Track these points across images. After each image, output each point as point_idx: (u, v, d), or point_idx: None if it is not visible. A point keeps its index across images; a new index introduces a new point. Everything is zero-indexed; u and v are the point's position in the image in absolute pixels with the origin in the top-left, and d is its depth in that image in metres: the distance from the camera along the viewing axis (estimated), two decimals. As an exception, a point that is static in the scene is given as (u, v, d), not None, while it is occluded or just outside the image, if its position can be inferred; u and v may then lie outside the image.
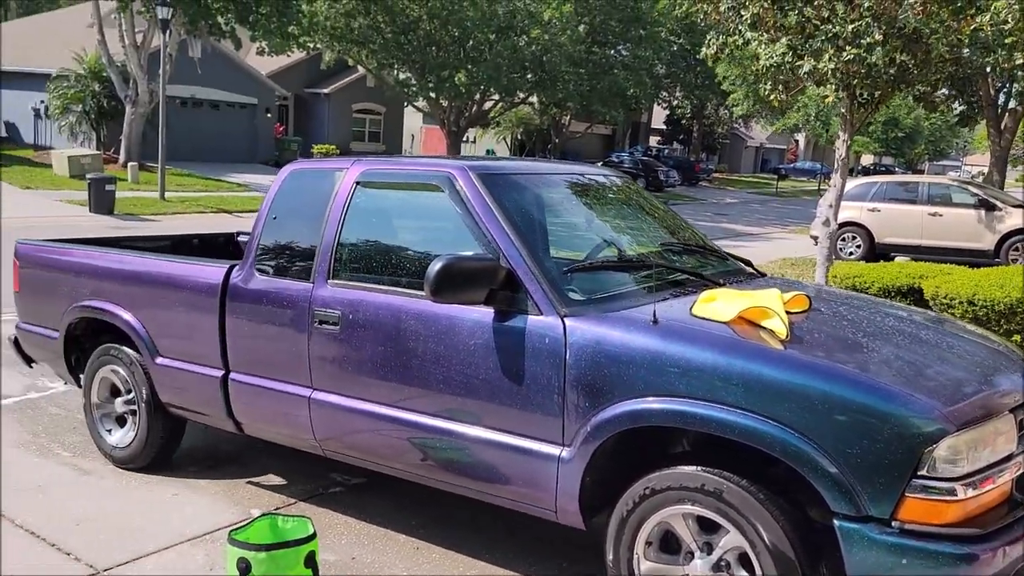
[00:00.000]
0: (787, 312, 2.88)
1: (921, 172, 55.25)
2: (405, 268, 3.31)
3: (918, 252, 14.09)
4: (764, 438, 2.45)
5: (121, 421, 4.41)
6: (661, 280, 3.24)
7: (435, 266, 2.85)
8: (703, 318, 2.81)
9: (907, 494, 2.30)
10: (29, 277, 4.67)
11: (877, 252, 14.70)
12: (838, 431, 2.36)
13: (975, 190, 15.02)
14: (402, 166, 3.54)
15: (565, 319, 2.85)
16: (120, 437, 4.36)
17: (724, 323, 2.76)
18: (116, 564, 3.34)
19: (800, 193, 42.14)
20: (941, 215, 14.49)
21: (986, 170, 20.32)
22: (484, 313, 3.00)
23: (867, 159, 61.95)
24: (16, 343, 4.86)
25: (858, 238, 15.12)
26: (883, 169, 51.21)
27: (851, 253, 14.98)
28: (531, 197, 3.49)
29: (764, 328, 2.73)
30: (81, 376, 4.54)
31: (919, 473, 2.29)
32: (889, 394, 2.38)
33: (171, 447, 4.33)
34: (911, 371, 2.58)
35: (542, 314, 2.89)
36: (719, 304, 2.85)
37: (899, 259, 13.37)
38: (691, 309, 2.89)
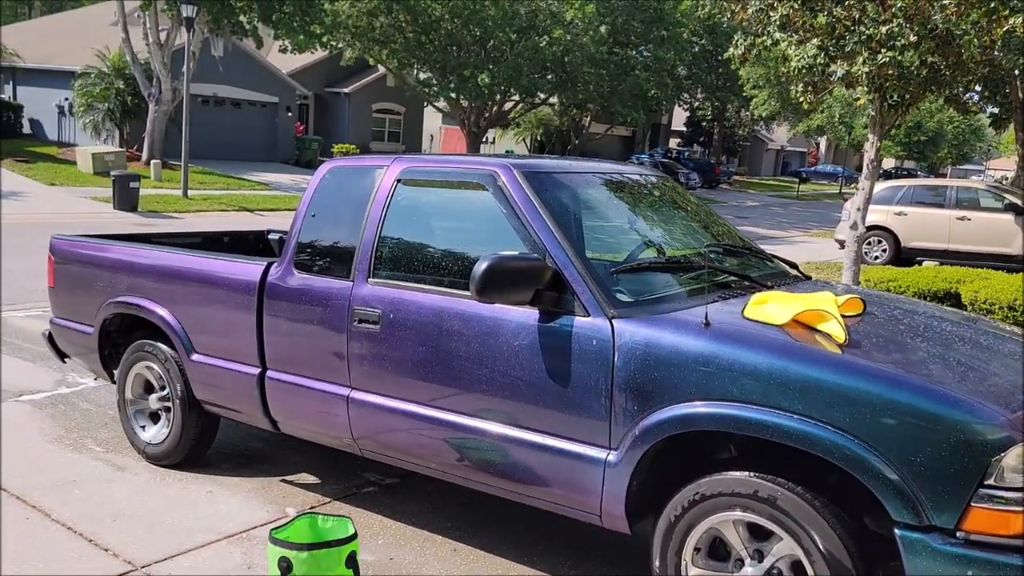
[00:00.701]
0: (843, 315, 2.82)
1: (944, 176, 54.69)
2: (447, 267, 3.27)
3: (945, 257, 13.91)
4: (823, 444, 2.39)
5: (155, 417, 4.41)
6: (709, 282, 3.18)
7: (481, 265, 2.81)
8: (756, 321, 2.75)
9: (973, 504, 2.23)
10: (64, 272, 4.67)
11: (903, 256, 14.53)
12: (901, 438, 2.30)
13: (1004, 194, 14.81)
14: (444, 164, 3.50)
15: (613, 321, 2.80)
16: (154, 433, 4.35)
17: (778, 326, 2.70)
18: (154, 560, 3.32)
19: (821, 196, 41.83)
20: (969, 219, 14.30)
21: (1011, 174, 20.04)
22: (529, 314, 2.95)
23: (889, 163, 61.38)
24: (50, 338, 4.87)
25: (884, 242, 14.95)
26: (905, 173, 50.77)
27: (876, 257, 14.82)
28: (574, 196, 3.44)
29: (820, 332, 2.67)
30: (115, 372, 4.54)
31: (986, 482, 2.22)
32: (954, 401, 2.31)
33: (205, 444, 4.32)
34: (975, 377, 2.51)
35: (589, 315, 2.84)
36: (772, 307, 2.79)
37: (926, 264, 13.21)
38: (743, 311, 2.83)
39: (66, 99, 25.28)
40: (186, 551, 3.41)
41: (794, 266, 3.80)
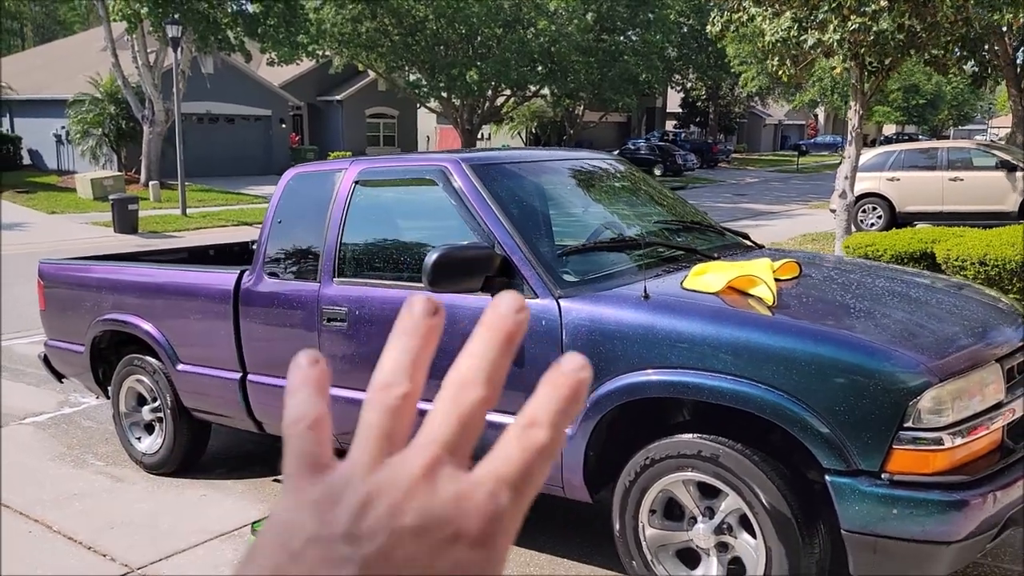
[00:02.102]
0: (778, 279, 2.94)
1: (946, 138, 54.40)
2: (406, 262, 3.42)
3: (940, 218, 13.93)
4: (755, 402, 2.52)
5: (149, 428, 4.58)
6: (656, 257, 3.31)
7: (431, 257, 2.95)
8: (693, 290, 2.88)
9: (895, 446, 2.36)
10: (53, 295, 4.85)
11: (899, 221, 14.56)
12: (825, 390, 2.43)
13: (995, 152, 14.81)
14: (397, 163, 3.65)
15: (560, 300, 2.93)
16: (149, 444, 4.52)
17: (713, 294, 2.83)
18: (149, 562, 3.49)
19: (822, 168, 41.67)
20: (962, 179, 14.31)
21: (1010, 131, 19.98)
22: (483, 301, 3.08)
23: (889, 129, 61.07)
24: (46, 360, 5.04)
25: (879, 208, 14.99)
26: (906, 138, 50.44)
27: (872, 224, 14.85)
28: (526, 185, 3.58)
29: (752, 296, 2.79)
30: (109, 388, 4.71)
31: (905, 425, 2.35)
32: (871, 350, 2.44)
33: (198, 450, 4.49)
34: (896, 328, 2.63)
35: (538, 297, 2.98)
36: (709, 276, 2.92)
37: (920, 226, 13.26)
38: (682, 283, 2.96)
39: (62, 127, 25.58)
40: (180, 551, 3.57)
41: (746, 236, 3.92)
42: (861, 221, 14.78)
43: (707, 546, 2.77)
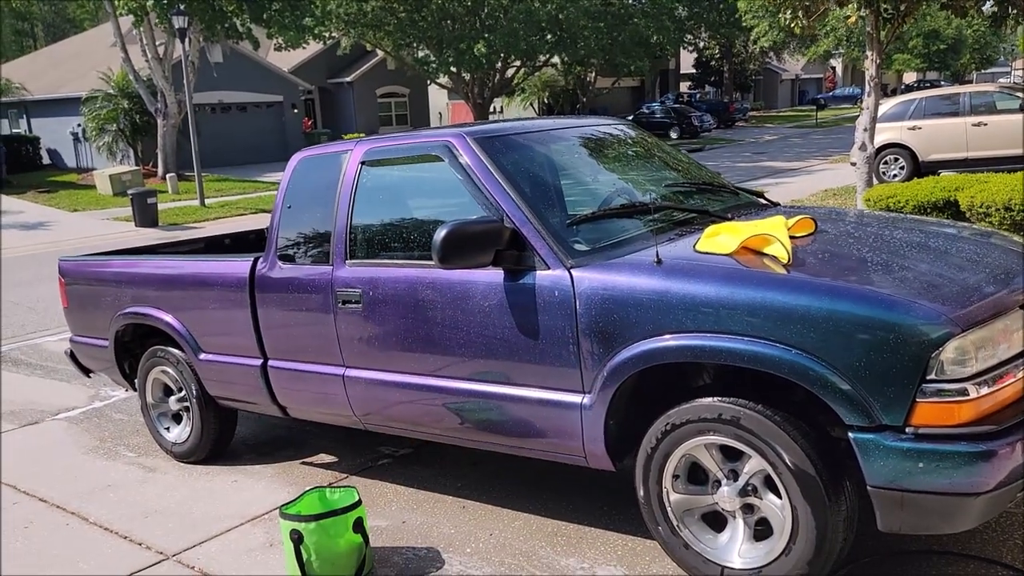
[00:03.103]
0: (793, 236, 2.89)
1: (968, 83, 53.20)
2: (416, 240, 3.40)
3: (964, 165, 13.65)
4: (774, 362, 2.48)
5: (177, 418, 4.64)
6: (668, 221, 3.27)
7: (440, 234, 2.93)
8: (706, 253, 2.84)
9: (918, 399, 2.32)
10: (74, 292, 4.90)
11: (923, 171, 14.29)
12: (845, 346, 2.39)
13: (1020, 94, 14.43)
14: (403, 140, 3.61)
15: (572, 270, 2.91)
16: (178, 433, 4.58)
17: (727, 255, 2.79)
18: (183, 548, 3.55)
19: (842, 121, 40.91)
20: (986, 124, 13.98)
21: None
22: (494, 275, 3.07)
23: (910, 77, 59.77)
24: (72, 356, 5.12)
25: (901, 159, 14.70)
26: (927, 85, 49.37)
27: (895, 175, 14.59)
28: (533, 155, 3.53)
29: (766, 255, 2.75)
30: (136, 380, 4.77)
31: (928, 377, 2.30)
32: (891, 303, 2.39)
33: (226, 437, 4.54)
34: (916, 280, 2.57)
35: (549, 268, 2.95)
36: (722, 237, 2.88)
37: (944, 174, 13.00)
38: (695, 246, 2.92)
39: (79, 125, 25.79)
40: (212, 536, 3.63)
41: (761, 195, 3.86)
42: (883, 173, 14.52)
43: (732, 508, 2.76)
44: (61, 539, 3.75)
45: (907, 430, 2.34)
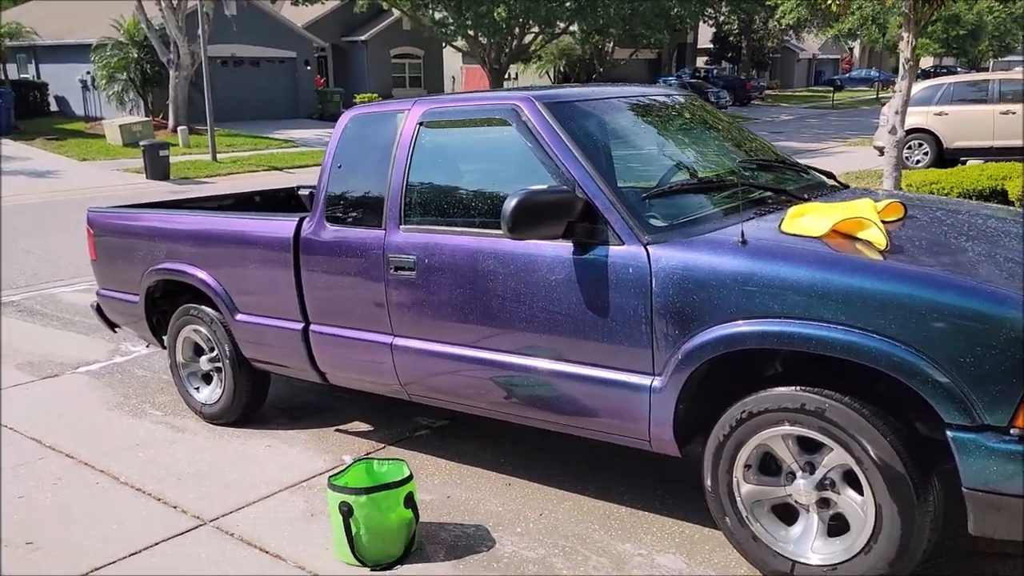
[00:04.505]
0: (883, 221, 2.75)
1: (985, 70, 52.53)
2: (477, 207, 3.26)
3: (990, 154, 13.44)
4: (870, 353, 2.36)
5: (207, 379, 4.52)
6: (744, 199, 3.12)
7: (511, 202, 2.79)
8: (794, 235, 2.70)
9: (1026, 401, 2.20)
10: (103, 244, 4.76)
11: (946, 158, 14.09)
12: (948, 340, 2.26)
13: (1051, 83, 14.18)
14: (465, 102, 3.45)
15: (648, 247, 2.77)
16: (208, 394, 4.47)
17: (817, 238, 2.65)
18: (221, 514, 3.45)
19: (858, 103, 40.54)
20: (1014, 112, 13.74)
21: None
22: (563, 247, 2.93)
23: (926, 62, 59.03)
24: (99, 309, 4.99)
25: (925, 145, 14.49)
26: (944, 71, 48.78)
27: (918, 161, 14.39)
28: (602, 124, 3.38)
29: (861, 240, 2.61)
30: (165, 337, 4.65)
31: (1039, 378, 2.18)
32: (1000, 297, 2.26)
33: (258, 400, 4.43)
34: (1021, 272, 2.44)
35: (624, 244, 2.82)
36: (810, 219, 2.74)
37: (970, 163, 12.79)
38: (780, 226, 2.78)
39: (88, 73, 25.40)
40: (250, 503, 3.53)
41: (831, 176, 3.71)
42: (907, 158, 14.30)
43: (807, 502, 2.65)
44: (92, 497, 3.65)
45: (1012, 431, 2.23)
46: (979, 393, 2.24)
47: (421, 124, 3.46)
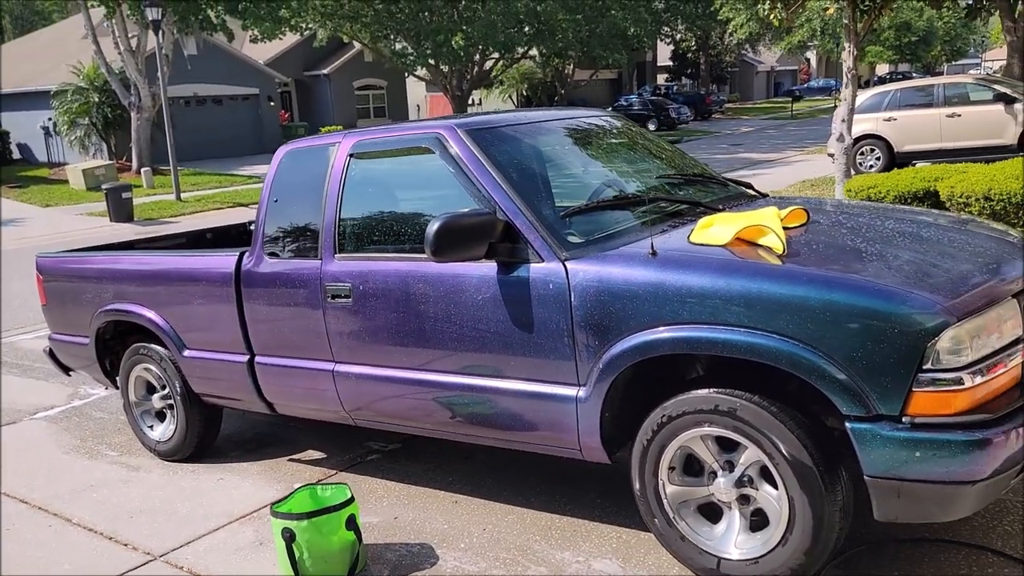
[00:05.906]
0: (786, 227, 2.89)
1: (940, 75, 53.80)
2: (407, 234, 3.36)
3: (939, 156, 13.81)
4: (770, 353, 2.48)
5: (161, 416, 4.56)
6: (660, 213, 3.26)
7: (433, 227, 2.90)
8: (701, 244, 2.83)
9: (914, 389, 2.32)
10: (53, 289, 4.81)
11: (898, 162, 14.43)
12: (841, 337, 2.39)
13: (992, 85, 14.62)
14: (392, 133, 3.57)
15: (566, 263, 2.89)
16: (162, 431, 4.52)
17: (721, 246, 2.78)
18: (171, 548, 3.49)
19: (817, 113, 41.26)
20: (960, 115, 14.15)
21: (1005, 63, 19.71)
22: (488, 268, 3.04)
23: (883, 68, 60.37)
24: (51, 354, 5.02)
25: (877, 150, 14.84)
26: (900, 77, 49.86)
27: (871, 166, 14.73)
28: (524, 147, 3.50)
29: (761, 246, 2.75)
30: (118, 378, 4.69)
31: (924, 367, 2.31)
32: (886, 294, 2.40)
33: (211, 435, 4.48)
34: (910, 269, 2.59)
35: (543, 261, 2.93)
36: (716, 228, 2.87)
37: (919, 165, 13.13)
38: (689, 237, 2.91)
39: (50, 119, 25.34)
40: (200, 536, 3.58)
41: (749, 186, 3.86)
42: (860, 164, 14.65)
43: (728, 499, 2.76)
44: (44, 541, 3.68)
45: (903, 419, 2.35)
46: (872, 385, 2.37)
47: (352, 156, 3.57)
